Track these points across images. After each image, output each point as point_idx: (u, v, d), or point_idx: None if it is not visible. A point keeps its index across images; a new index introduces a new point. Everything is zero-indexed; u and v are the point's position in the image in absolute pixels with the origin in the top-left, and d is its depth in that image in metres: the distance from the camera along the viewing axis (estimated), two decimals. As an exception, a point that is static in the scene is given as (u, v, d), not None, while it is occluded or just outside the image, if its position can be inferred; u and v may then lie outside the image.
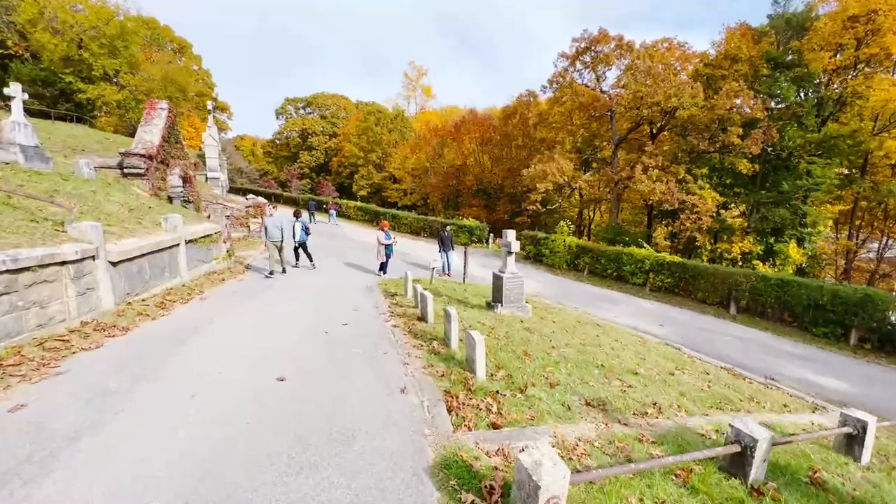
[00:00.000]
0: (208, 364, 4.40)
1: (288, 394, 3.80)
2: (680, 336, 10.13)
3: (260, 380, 4.08)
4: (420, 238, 23.49)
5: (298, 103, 66.88)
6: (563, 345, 6.39)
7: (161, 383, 3.89)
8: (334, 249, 16.87)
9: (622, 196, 32.79)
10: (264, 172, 61.39)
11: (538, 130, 40.30)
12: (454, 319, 5.18)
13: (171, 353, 4.63)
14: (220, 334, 5.47)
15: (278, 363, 4.51)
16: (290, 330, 5.87)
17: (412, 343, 5.50)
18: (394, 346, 5.39)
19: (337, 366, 4.57)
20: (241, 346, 5.05)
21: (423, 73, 58.28)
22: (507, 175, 40.48)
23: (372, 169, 50.74)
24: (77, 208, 6.43)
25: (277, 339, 5.38)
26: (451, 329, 5.15)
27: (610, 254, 15.53)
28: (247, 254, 13.10)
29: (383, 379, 4.27)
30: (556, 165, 28.66)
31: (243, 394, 3.75)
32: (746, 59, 27.51)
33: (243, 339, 5.37)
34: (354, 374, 4.36)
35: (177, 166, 12.80)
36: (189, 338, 5.17)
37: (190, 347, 4.87)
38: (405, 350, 5.21)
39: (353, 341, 5.46)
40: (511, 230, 8.30)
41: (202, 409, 3.43)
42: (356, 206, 30.92)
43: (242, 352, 4.86)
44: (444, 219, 23.71)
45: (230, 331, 5.67)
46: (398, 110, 53.17)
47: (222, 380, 4.04)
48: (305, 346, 5.16)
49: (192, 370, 4.23)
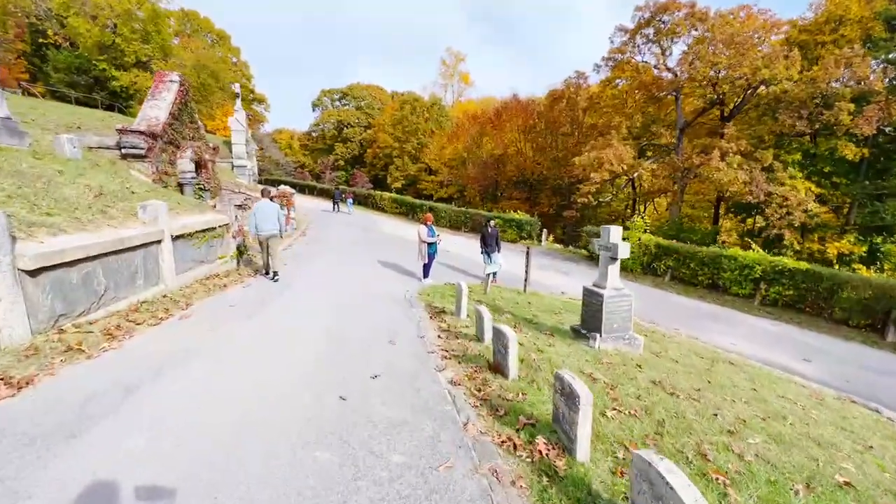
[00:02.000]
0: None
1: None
2: (840, 378, 7.13)
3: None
4: (460, 233, 21.10)
5: (334, 94, 66.27)
6: (737, 422, 3.75)
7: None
8: (367, 245, 14.79)
9: (685, 188, 28.75)
10: (301, 165, 61.16)
11: (587, 116, 36.70)
12: (585, 413, 2.66)
13: (52, 455, 2.47)
14: (164, 401, 3.28)
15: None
16: (281, 393, 3.60)
17: (495, 431, 3.08)
18: (462, 442, 2.98)
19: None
20: (183, 442, 2.83)
21: (460, 59, 55.51)
22: (551, 165, 37.20)
23: (407, 160, 48.80)
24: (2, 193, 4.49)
25: (253, 421, 3.13)
26: (579, 432, 2.65)
27: (703, 256, 12.34)
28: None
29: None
30: (614, 152, 25.25)
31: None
32: (856, 20, 22.79)
33: (199, 414, 3.15)
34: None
35: (189, 148, 11.05)
36: (106, 412, 3.02)
37: (88, 443, 2.69)
38: (485, 454, 2.80)
39: (386, 430, 3.10)
40: (615, 227, 5.69)
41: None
42: (391, 198, 28.90)
43: (179, 457, 2.63)
44: (485, 211, 21.17)
45: (186, 392, 3.48)
46: (435, 98, 50.78)
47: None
48: (297, 455, 2.81)
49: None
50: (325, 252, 12.69)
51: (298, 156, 65.94)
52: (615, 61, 30.64)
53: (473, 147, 43.34)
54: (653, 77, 29.73)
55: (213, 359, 4.17)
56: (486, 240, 10.28)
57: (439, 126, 48.99)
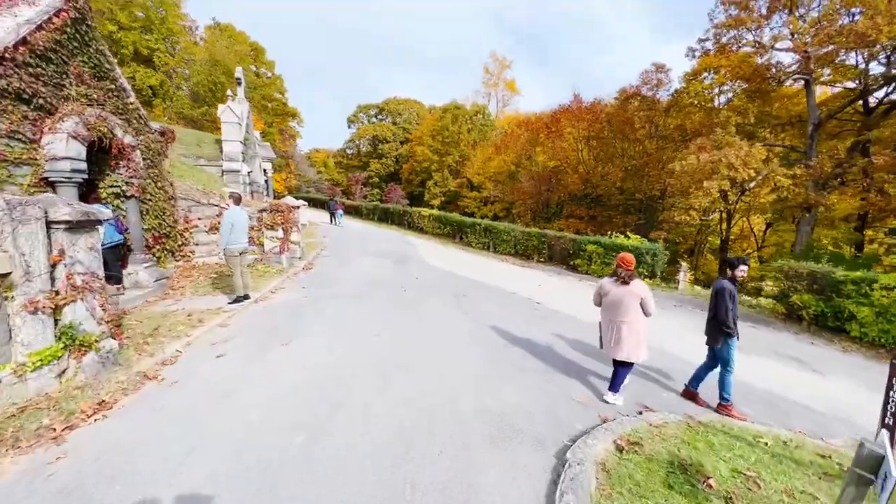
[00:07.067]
0: None
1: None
2: None
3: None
4: (531, 264, 14.92)
5: (370, 110, 63.73)
6: None
7: None
8: (412, 289, 8.94)
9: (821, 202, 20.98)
10: (335, 183, 58.34)
11: (669, 116, 29.95)
12: None
13: None
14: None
15: None
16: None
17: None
18: None
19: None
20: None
21: (506, 66, 50.38)
22: (625, 176, 30.54)
23: (447, 174, 43.65)
24: None
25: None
26: None
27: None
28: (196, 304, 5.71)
29: None
30: (737, 152, 18.39)
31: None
32: None
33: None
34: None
35: (71, 117, 5.81)
36: None
37: None
38: None
39: None
40: None
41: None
42: (430, 216, 23.26)
43: None
44: (571, 234, 14.80)
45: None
46: (478, 107, 45.67)
47: None
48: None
49: None
50: (333, 317, 7.02)
51: (333, 174, 63.47)
52: (716, 40, 24.08)
53: (524, 158, 37.53)
54: (760, 64, 22.87)
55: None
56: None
57: (483, 136, 43.71)
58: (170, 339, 5.06)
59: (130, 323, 5.50)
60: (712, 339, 4.29)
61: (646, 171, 28.61)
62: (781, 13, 20.95)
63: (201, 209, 9.68)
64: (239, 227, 7.00)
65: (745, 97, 25.40)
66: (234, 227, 6.91)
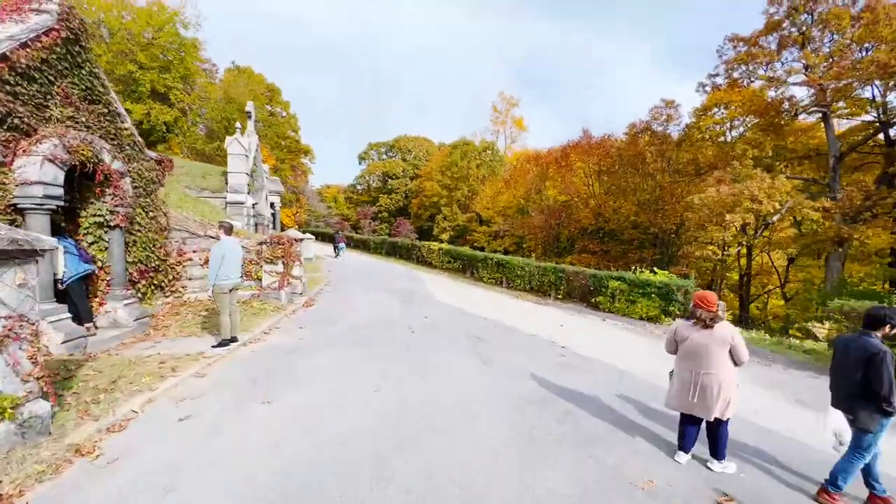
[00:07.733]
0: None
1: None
2: None
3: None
4: (547, 301, 13.90)
5: (381, 147, 65.24)
6: None
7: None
8: (420, 331, 8.01)
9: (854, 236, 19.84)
10: (345, 217, 58.86)
11: (682, 150, 29.64)
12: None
13: None
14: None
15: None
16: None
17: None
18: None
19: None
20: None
21: (513, 104, 51.45)
22: (638, 210, 29.81)
23: (456, 209, 43.50)
24: None
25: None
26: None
27: None
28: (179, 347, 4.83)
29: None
30: (759, 185, 17.64)
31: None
32: None
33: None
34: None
35: (49, 139, 5.30)
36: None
37: None
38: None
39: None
40: None
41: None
42: (440, 250, 22.52)
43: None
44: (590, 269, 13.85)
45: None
46: (487, 143, 46.26)
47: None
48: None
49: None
50: (328, 367, 6.11)
51: (343, 209, 64.19)
52: (727, 76, 24.10)
53: (533, 193, 37.26)
54: (773, 98, 22.67)
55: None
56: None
57: (492, 172, 43.90)
58: (128, 394, 4.19)
59: (87, 373, 4.65)
60: (866, 421, 3.09)
61: (660, 205, 27.90)
62: (791, 49, 20.89)
63: (197, 241, 9.06)
64: (231, 261, 6.31)
65: (758, 131, 25.09)
66: (225, 259, 6.20)
